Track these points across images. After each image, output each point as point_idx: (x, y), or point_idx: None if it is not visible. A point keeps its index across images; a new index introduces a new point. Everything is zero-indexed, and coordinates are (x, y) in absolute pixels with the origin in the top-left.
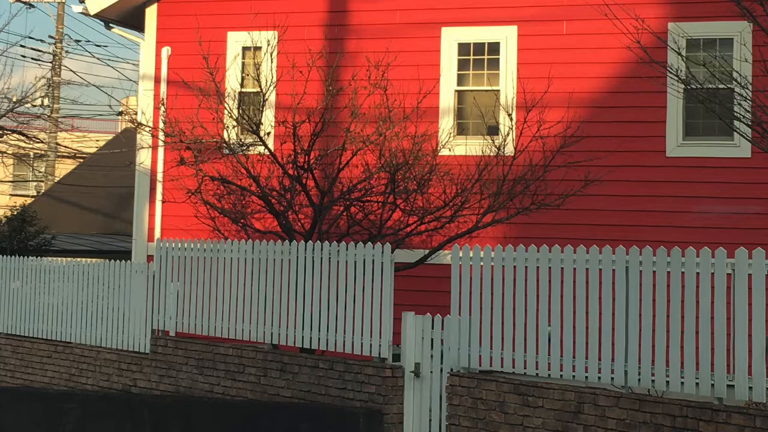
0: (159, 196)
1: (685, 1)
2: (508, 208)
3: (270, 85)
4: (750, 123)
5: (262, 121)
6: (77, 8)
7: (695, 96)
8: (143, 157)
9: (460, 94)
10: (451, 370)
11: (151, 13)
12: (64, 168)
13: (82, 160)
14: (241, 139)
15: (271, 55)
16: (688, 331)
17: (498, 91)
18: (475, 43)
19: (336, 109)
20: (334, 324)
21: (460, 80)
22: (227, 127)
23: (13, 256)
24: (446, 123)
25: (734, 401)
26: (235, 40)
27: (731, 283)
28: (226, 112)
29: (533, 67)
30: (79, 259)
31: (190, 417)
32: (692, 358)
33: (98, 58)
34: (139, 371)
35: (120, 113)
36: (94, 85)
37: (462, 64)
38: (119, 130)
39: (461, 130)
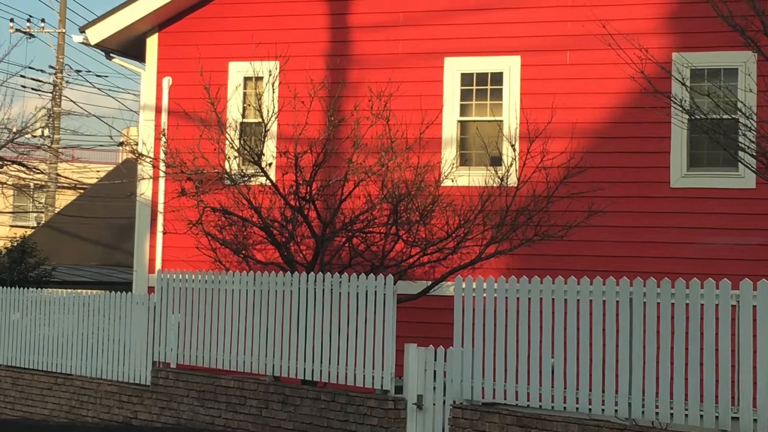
0: (160, 227)
1: (690, 31)
2: (511, 239)
3: (272, 116)
4: (755, 154)
5: (264, 151)
6: (78, 38)
7: (699, 126)
8: (144, 188)
9: (463, 125)
10: (454, 402)
11: (152, 43)
12: (64, 199)
13: (82, 191)
14: (242, 170)
15: (273, 86)
16: (693, 363)
17: (501, 121)
18: (478, 73)
19: (338, 139)
20: (336, 356)
21: (463, 110)
22: (229, 157)
23: (13, 288)
24: (449, 154)
25: None
26: (237, 70)
27: (736, 315)
28: (227, 142)
29: (536, 97)
30: (79, 291)
31: None
32: (696, 390)
33: (99, 89)
34: (140, 403)
35: (121, 144)
36: (95, 116)
37: (465, 95)
38: (120, 161)
39: (464, 160)
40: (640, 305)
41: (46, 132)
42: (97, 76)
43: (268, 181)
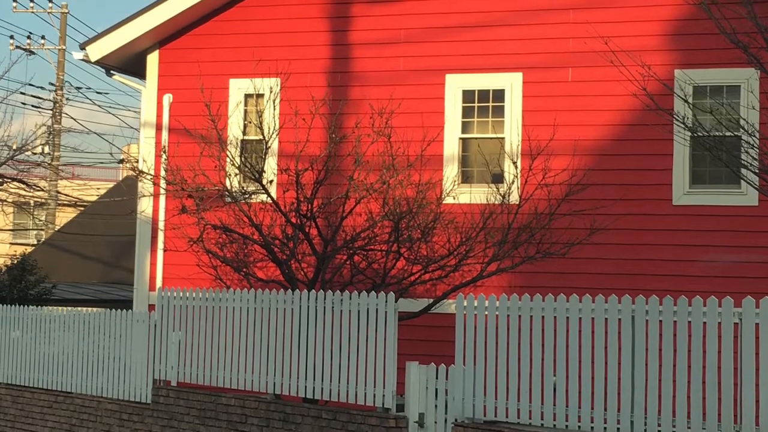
0: (160, 245)
1: (692, 47)
2: (513, 256)
3: (272, 133)
4: (757, 171)
5: (265, 169)
6: (78, 55)
7: (702, 143)
8: (144, 206)
9: (465, 142)
10: (456, 420)
11: (152, 60)
12: (64, 216)
13: (82, 209)
14: (243, 187)
15: (274, 103)
16: (695, 381)
17: (503, 138)
18: (479, 90)
19: (339, 156)
20: (338, 374)
21: (465, 128)
22: (229, 175)
23: (13, 306)
24: (450, 171)
25: None
26: (238, 87)
27: (738, 333)
28: (228, 159)
29: (538, 114)
30: (79, 309)
31: None
32: (699, 407)
33: (99, 106)
34: (141, 422)
35: (121, 161)
36: (95, 133)
37: (466, 112)
38: (120, 178)
39: (466, 178)
40: (642, 323)
41: (47, 149)
42: (98, 93)
43: (269, 198)
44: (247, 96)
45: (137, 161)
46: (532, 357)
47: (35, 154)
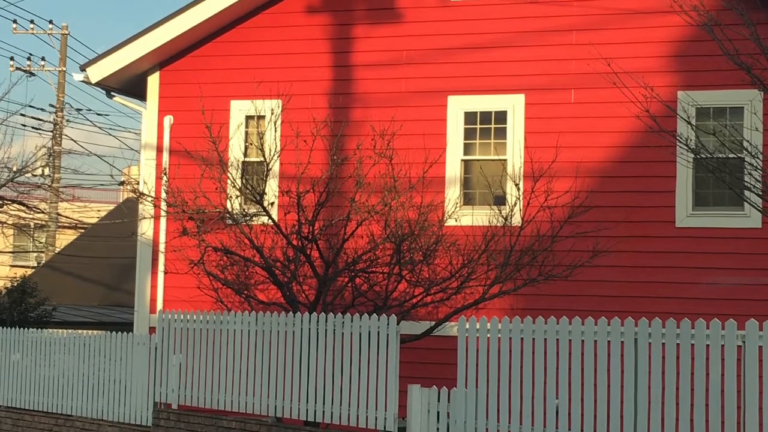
0: (161, 267)
1: (695, 69)
2: (515, 279)
3: (274, 155)
4: (761, 193)
5: (266, 190)
6: (78, 76)
7: (705, 165)
8: (145, 228)
9: (467, 164)
10: None
11: (153, 82)
12: (65, 238)
13: (83, 231)
14: (244, 209)
15: (275, 124)
16: (698, 404)
17: (505, 160)
18: (481, 112)
19: (341, 178)
20: (339, 396)
21: (467, 149)
22: (230, 197)
23: (13, 328)
24: (452, 193)
25: None
26: (239, 109)
27: (741, 356)
28: (229, 181)
29: (541, 136)
30: (80, 331)
31: None
32: (702, 430)
33: (100, 127)
34: None
35: (122, 183)
36: (96, 155)
37: (468, 133)
38: (121, 200)
39: (468, 200)
40: (645, 346)
41: (47, 171)
42: (98, 114)
43: (270, 220)
44: (249, 117)
45: (138, 183)
46: (534, 379)
47: (35, 175)
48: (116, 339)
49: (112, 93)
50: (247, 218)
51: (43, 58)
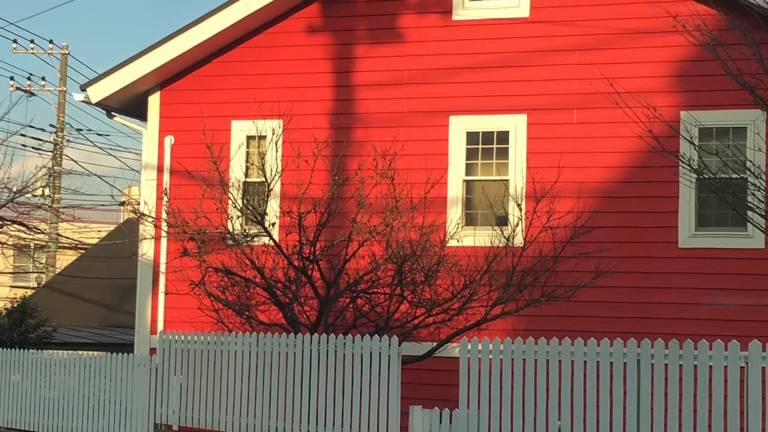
0: (162, 288)
1: (698, 89)
2: (517, 300)
3: (275, 175)
4: (764, 213)
5: (267, 211)
6: (78, 96)
7: (708, 186)
8: (146, 248)
9: (469, 184)
10: None
11: (153, 102)
12: (65, 259)
13: (83, 251)
14: (245, 230)
15: (276, 144)
16: (701, 425)
17: (507, 180)
18: (483, 132)
19: (342, 199)
20: (341, 418)
21: (469, 170)
22: (231, 217)
23: (13, 349)
24: (454, 213)
25: None
26: (240, 129)
27: (744, 377)
28: (230, 202)
29: (543, 156)
30: (80, 352)
31: None
32: None
33: (100, 147)
34: None
35: (122, 203)
36: (96, 175)
37: (470, 153)
38: (121, 221)
39: (470, 220)
40: (647, 367)
41: (47, 191)
42: (99, 134)
43: (271, 241)
44: (249, 138)
45: (138, 203)
46: (537, 401)
47: (35, 196)
48: (117, 360)
49: (113, 113)
50: (248, 239)
51: (43, 78)
